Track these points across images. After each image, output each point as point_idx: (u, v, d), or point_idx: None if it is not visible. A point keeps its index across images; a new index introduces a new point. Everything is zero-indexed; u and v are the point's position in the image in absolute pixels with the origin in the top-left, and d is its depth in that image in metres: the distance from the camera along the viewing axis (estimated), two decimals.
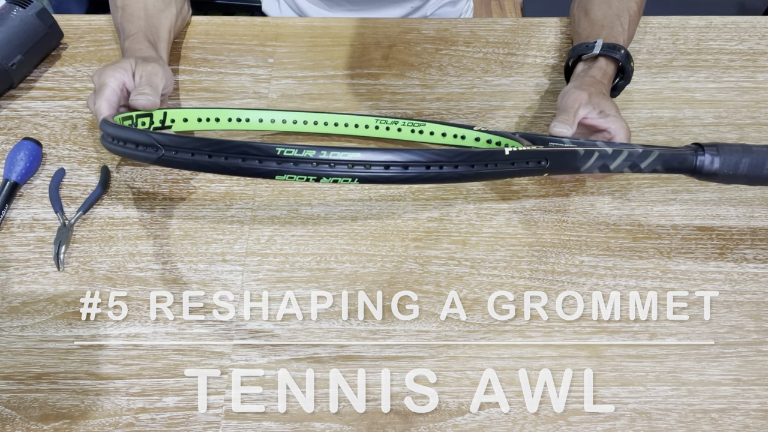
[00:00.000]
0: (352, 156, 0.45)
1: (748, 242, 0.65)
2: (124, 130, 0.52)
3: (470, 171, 0.49)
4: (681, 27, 0.84)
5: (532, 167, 0.53)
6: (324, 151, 0.45)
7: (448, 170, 0.48)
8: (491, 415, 0.56)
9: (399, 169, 0.46)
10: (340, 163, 0.45)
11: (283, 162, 0.45)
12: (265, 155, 0.45)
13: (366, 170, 0.46)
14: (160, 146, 0.48)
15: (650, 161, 0.58)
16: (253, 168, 0.45)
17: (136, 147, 0.51)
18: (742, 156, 0.58)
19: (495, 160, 0.50)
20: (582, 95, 0.64)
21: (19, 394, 0.56)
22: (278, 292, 0.62)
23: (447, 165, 0.47)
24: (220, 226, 0.66)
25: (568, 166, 0.56)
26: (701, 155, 0.58)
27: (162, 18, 0.75)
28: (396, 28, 0.84)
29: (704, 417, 0.56)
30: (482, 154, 0.49)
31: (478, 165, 0.49)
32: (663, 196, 0.69)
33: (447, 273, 0.63)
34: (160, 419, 0.55)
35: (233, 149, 0.46)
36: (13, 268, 0.63)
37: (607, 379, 0.57)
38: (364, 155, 0.45)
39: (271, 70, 0.79)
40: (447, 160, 0.47)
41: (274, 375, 0.57)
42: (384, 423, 0.55)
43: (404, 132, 0.70)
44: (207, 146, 0.46)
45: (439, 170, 0.47)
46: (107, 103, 0.62)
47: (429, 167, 0.47)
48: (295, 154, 0.45)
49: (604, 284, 0.63)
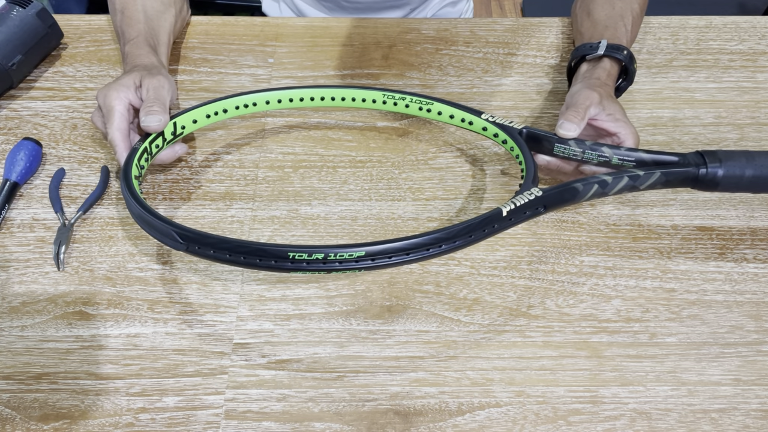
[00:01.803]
0: (357, 254, 0.49)
1: (748, 242, 0.65)
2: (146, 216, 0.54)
3: (469, 241, 0.52)
4: (681, 27, 0.84)
5: (530, 215, 0.56)
6: (331, 254, 0.48)
7: (447, 247, 0.51)
8: (491, 415, 0.56)
9: (401, 256, 0.50)
10: (347, 260, 0.49)
11: (296, 263, 0.49)
12: (279, 258, 0.49)
13: (372, 262, 0.49)
14: (182, 242, 0.52)
15: (651, 183, 0.58)
16: (269, 266, 0.50)
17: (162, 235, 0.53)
18: (746, 168, 0.58)
19: (493, 223, 0.53)
20: (593, 95, 0.63)
21: (19, 394, 0.56)
22: (278, 292, 0.62)
23: (446, 243, 0.51)
24: (220, 226, 0.66)
25: (566, 202, 0.58)
26: (703, 169, 0.58)
27: (161, 21, 0.75)
28: (396, 28, 0.84)
29: (704, 417, 0.56)
30: (480, 223, 0.52)
31: (477, 233, 0.52)
32: (663, 196, 0.69)
33: (447, 273, 0.63)
34: (160, 419, 0.55)
35: (250, 252, 0.49)
36: (13, 268, 0.63)
37: (607, 379, 0.57)
38: (368, 251, 0.49)
39: (271, 70, 0.79)
40: (446, 238, 0.51)
41: (274, 375, 0.57)
42: (384, 423, 0.55)
43: (412, 108, 0.69)
44: (227, 245, 0.50)
45: (439, 249, 0.51)
46: (120, 133, 0.62)
47: (429, 249, 0.50)
48: (306, 257, 0.49)
49: (604, 284, 0.63)
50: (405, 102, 0.69)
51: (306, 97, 0.70)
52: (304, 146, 0.73)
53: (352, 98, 0.70)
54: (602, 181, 0.57)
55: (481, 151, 0.73)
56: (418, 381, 0.57)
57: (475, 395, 0.56)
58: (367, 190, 0.69)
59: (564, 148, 0.62)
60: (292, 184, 0.69)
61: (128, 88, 0.64)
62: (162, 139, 0.64)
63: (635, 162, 0.60)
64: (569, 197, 0.57)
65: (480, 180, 0.70)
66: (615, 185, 0.57)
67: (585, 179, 0.57)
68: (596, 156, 0.61)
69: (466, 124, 0.67)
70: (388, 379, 0.57)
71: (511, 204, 0.54)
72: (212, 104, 0.67)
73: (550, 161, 0.64)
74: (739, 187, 0.59)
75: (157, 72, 0.67)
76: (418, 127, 0.75)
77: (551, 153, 0.63)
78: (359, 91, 0.70)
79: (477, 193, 0.69)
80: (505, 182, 0.70)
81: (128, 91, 0.64)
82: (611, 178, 0.57)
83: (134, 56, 0.70)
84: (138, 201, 0.56)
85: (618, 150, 0.60)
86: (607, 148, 0.61)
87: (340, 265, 0.49)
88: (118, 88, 0.64)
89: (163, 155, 0.66)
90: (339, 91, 0.70)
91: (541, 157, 0.64)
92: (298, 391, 0.57)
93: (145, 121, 0.62)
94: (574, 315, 0.61)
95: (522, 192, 0.56)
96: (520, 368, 0.58)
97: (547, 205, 0.56)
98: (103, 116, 0.64)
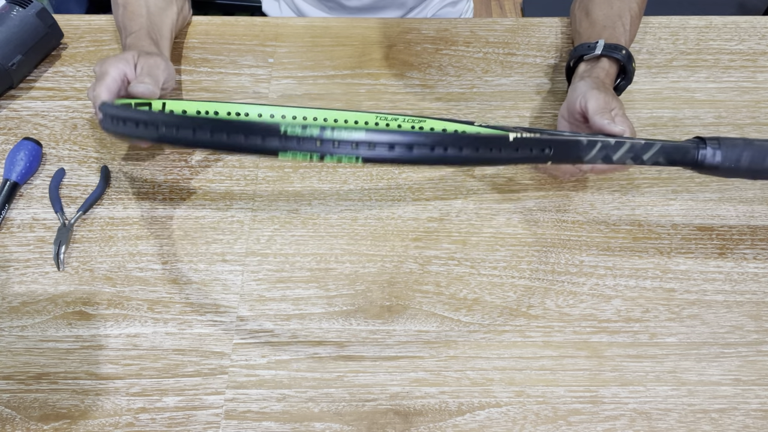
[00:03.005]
0: (356, 136, 0.44)
1: (748, 242, 0.65)
2: (124, 110, 0.51)
3: (474, 155, 0.48)
4: (681, 27, 0.84)
5: (536, 155, 0.52)
6: (328, 130, 0.44)
7: (452, 153, 0.47)
8: (491, 415, 0.56)
9: (403, 149, 0.46)
10: (344, 142, 0.44)
11: (286, 140, 0.44)
12: (268, 133, 0.44)
13: (370, 150, 0.45)
14: (161, 124, 0.47)
15: (653, 153, 0.57)
16: (255, 146, 0.44)
17: (137, 126, 0.49)
18: (744, 149, 0.58)
19: (499, 146, 0.49)
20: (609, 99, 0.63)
21: (19, 394, 0.56)
22: (278, 292, 0.62)
23: (451, 147, 0.47)
24: (220, 226, 0.66)
25: (571, 155, 0.55)
26: (703, 148, 0.58)
27: (164, 16, 0.75)
28: (396, 28, 0.84)
29: (704, 417, 0.56)
30: (487, 139, 0.49)
31: (483, 149, 0.48)
32: (663, 196, 0.69)
33: (447, 273, 0.63)
34: (160, 419, 0.55)
35: (236, 127, 0.44)
36: (13, 268, 0.63)
37: (607, 379, 0.57)
38: (368, 135, 0.45)
39: (271, 70, 0.79)
40: (452, 142, 0.47)
41: (274, 375, 0.57)
42: (384, 423, 0.55)
43: (404, 128, 0.70)
44: (209, 124, 0.45)
45: (444, 152, 0.47)
46: (107, 90, 0.62)
47: (433, 149, 0.46)
48: (299, 132, 0.44)
49: (604, 284, 0.63)
50: (397, 122, 0.69)
51: (299, 116, 0.70)
52: None
53: (344, 120, 0.70)
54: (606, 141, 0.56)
55: None
56: (418, 381, 0.57)
57: (475, 395, 0.56)
58: (367, 190, 0.69)
59: None
60: (292, 184, 0.69)
61: (126, 61, 0.64)
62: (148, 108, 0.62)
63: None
64: (573, 148, 0.55)
65: (480, 180, 0.70)
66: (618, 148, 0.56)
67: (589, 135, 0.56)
68: None
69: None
70: (388, 379, 0.57)
71: (519, 132, 0.51)
72: (206, 102, 0.67)
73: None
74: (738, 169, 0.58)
75: (155, 54, 0.66)
76: None
77: None
78: (353, 114, 0.70)
79: (477, 193, 0.69)
80: (506, 182, 0.70)
81: (126, 63, 0.63)
82: (614, 141, 0.56)
83: (136, 47, 0.70)
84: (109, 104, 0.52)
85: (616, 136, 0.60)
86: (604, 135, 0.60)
87: (335, 147, 0.44)
88: (116, 58, 0.64)
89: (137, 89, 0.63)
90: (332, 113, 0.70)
91: None
92: (298, 391, 0.57)
93: (134, 86, 0.61)
94: (574, 315, 0.61)
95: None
96: (520, 368, 0.58)
97: (553, 150, 0.52)
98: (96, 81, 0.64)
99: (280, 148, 0.44)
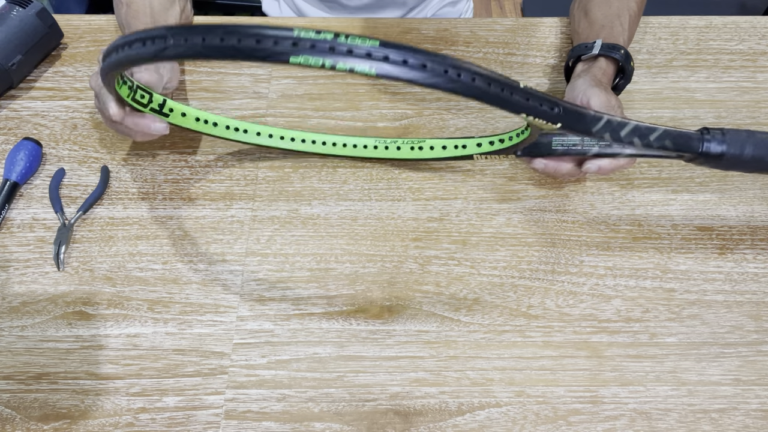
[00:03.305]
0: (370, 45, 0.44)
1: (748, 242, 0.65)
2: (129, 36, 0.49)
3: (485, 89, 0.48)
4: (681, 27, 0.84)
5: (546, 110, 0.51)
6: (342, 36, 0.44)
7: (465, 79, 0.47)
8: (491, 415, 0.56)
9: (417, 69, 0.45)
10: (358, 49, 0.44)
11: (299, 43, 0.43)
12: (281, 37, 0.43)
13: (384, 62, 0.44)
14: (170, 36, 0.46)
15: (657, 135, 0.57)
16: (266, 49, 0.44)
17: (143, 44, 0.48)
18: (747, 140, 0.57)
19: (511, 89, 0.49)
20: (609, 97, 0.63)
21: (19, 394, 0.56)
22: (278, 292, 0.62)
23: (465, 74, 0.47)
24: (220, 226, 0.66)
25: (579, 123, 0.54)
26: (707, 135, 0.58)
27: (167, 15, 0.75)
28: (396, 28, 0.84)
29: (704, 417, 0.56)
30: (499, 80, 0.48)
31: (495, 86, 0.48)
32: (663, 196, 0.69)
33: (447, 273, 0.63)
34: (160, 419, 0.55)
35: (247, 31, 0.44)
36: (13, 268, 0.63)
37: (607, 379, 0.57)
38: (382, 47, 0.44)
39: (271, 70, 0.79)
40: (466, 70, 0.47)
41: (274, 375, 0.57)
42: (384, 423, 0.55)
43: (404, 150, 0.70)
44: (219, 29, 0.44)
45: (457, 77, 0.46)
46: None
47: (447, 71, 0.46)
48: (313, 36, 0.43)
49: (604, 284, 0.63)
50: (396, 145, 0.70)
51: (298, 138, 0.70)
52: None
53: (343, 144, 0.71)
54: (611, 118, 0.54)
55: None
56: (418, 381, 0.57)
57: (475, 395, 0.56)
58: (367, 190, 0.69)
59: (562, 141, 0.62)
60: (292, 184, 0.69)
61: None
62: (149, 96, 0.61)
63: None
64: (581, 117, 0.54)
65: (480, 180, 0.70)
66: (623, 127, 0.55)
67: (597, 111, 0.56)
68: (596, 142, 0.60)
69: (461, 149, 0.67)
70: (388, 379, 0.57)
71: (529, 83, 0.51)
72: (208, 112, 0.68)
73: (547, 164, 0.63)
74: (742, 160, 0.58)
75: None
76: (418, 126, 0.75)
77: (549, 149, 0.63)
78: (352, 138, 0.71)
79: (477, 193, 0.69)
80: (505, 182, 0.70)
81: None
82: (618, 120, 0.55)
83: None
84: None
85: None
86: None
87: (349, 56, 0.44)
88: None
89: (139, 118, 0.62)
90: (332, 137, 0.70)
91: (537, 161, 0.63)
92: (298, 391, 0.57)
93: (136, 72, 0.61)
94: (574, 315, 0.61)
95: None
96: (520, 368, 0.58)
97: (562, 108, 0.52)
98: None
99: (292, 52, 0.43)
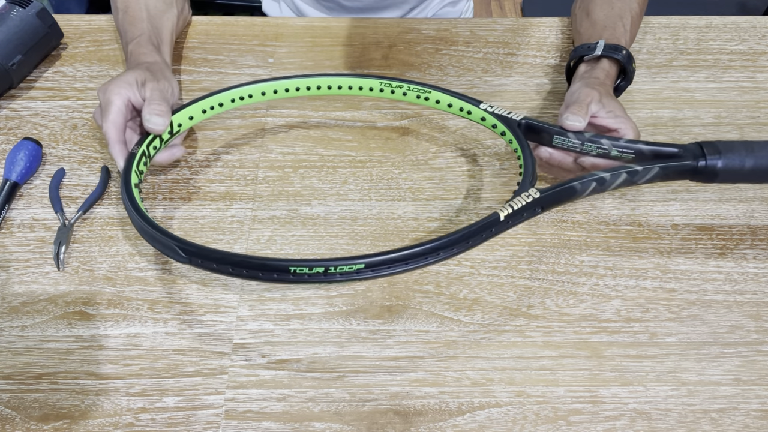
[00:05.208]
0: (357, 266, 0.50)
1: (748, 242, 0.65)
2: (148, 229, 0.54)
3: (467, 246, 0.53)
4: (681, 27, 0.84)
5: (528, 216, 0.57)
6: (332, 267, 0.49)
7: (445, 255, 0.52)
8: (491, 415, 0.56)
9: (400, 265, 0.51)
10: (347, 273, 0.50)
11: (297, 276, 0.50)
12: (281, 271, 0.50)
13: (371, 273, 0.50)
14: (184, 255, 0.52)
15: (649, 177, 0.58)
16: (271, 279, 0.51)
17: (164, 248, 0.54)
18: (745, 159, 0.57)
19: (491, 228, 0.54)
20: (593, 93, 0.64)
21: (19, 394, 0.56)
22: (278, 293, 0.62)
23: (444, 251, 0.52)
24: (220, 226, 0.66)
25: (564, 202, 0.59)
26: (702, 161, 0.58)
27: (164, 20, 0.75)
28: (396, 28, 0.84)
29: (704, 417, 0.56)
30: (478, 230, 0.53)
31: (475, 239, 0.53)
32: (663, 196, 0.69)
33: (447, 273, 0.63)
34: (160, 419, 0.55)
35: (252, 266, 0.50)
36: (13, 268, 0.63)
37: (607, 379, 0.57)
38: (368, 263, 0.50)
39: (271, 70, 0.79)
40: (444, 246, 0.52)
41: (274, 375, 0.57)
42: (384, 423, 0.55)
43: (409, 96, 0.69)
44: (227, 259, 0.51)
45: (438, 256, 0.52)
46: (114, 127, 0.62)
47: (427, 257, 0.52)
48: (306, 271, 0.49)
49: (604, 284, 0.63)
50: (402, 90, 0.69)
51: (302, 87, 0.70)
52: (304, 146, 0.73)
53: (348, 86, 0.70)
54: (600, 178, 0.57)
55: (481, 150, 0.73)
56: (418, 381, 0.57)
57: (475, 395, 0.56)
58: (367, 190, 0.69)
59: (563, 140, 0.62)
60: (292, 184, 0.69)
61: (130, 85, 0.64)
62: (159, 140, 0.64)
63: (634, 153, 0.60)
64: (567, 196, 0.57)
65: (480, 180, 0.70)
66: (613, 181, 0.57)
67: (583, 177, 0.57)
68: (595, 148, 0.61)
69: (465, 113, 0.67)
70: (388, 379, 0.57)
71: (509, 207, 0.54)
72: (207, 99, 0.67)
73: (552, 153, 0.63)
74: (738, 178, 0.59)
75: (161, 74, 0.66)
76: (419, 126, 0.75)
77: (550, 145, 0.63)
78: (356, 80, 0.70)
79: (477, 193, 0.69)
80: (505, 182, 0.70)
81: (129, 88, 0.64)
82: (609, 175, 0.57)
83: (138, 54, 0.70)
84: (139, 213, 0.56)
85: (617, 141, 0.60)
86: (606, 139, 0.60)
87: (340, 276, 0.50)
88: (119, 84, 0.63)
89: (160, 157, 0.66)
90: (335, 80, 0.70)
91: (543, 149, 0.64)
92: (298, 391, 0.57)
93: (149, 121, 0.61)
94: (574, 315, 0.61)
95: (519, 193, 0.56)
96: (520, 368, 0.58)
97: (544, 206, 0.57)
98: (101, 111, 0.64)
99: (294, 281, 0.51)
